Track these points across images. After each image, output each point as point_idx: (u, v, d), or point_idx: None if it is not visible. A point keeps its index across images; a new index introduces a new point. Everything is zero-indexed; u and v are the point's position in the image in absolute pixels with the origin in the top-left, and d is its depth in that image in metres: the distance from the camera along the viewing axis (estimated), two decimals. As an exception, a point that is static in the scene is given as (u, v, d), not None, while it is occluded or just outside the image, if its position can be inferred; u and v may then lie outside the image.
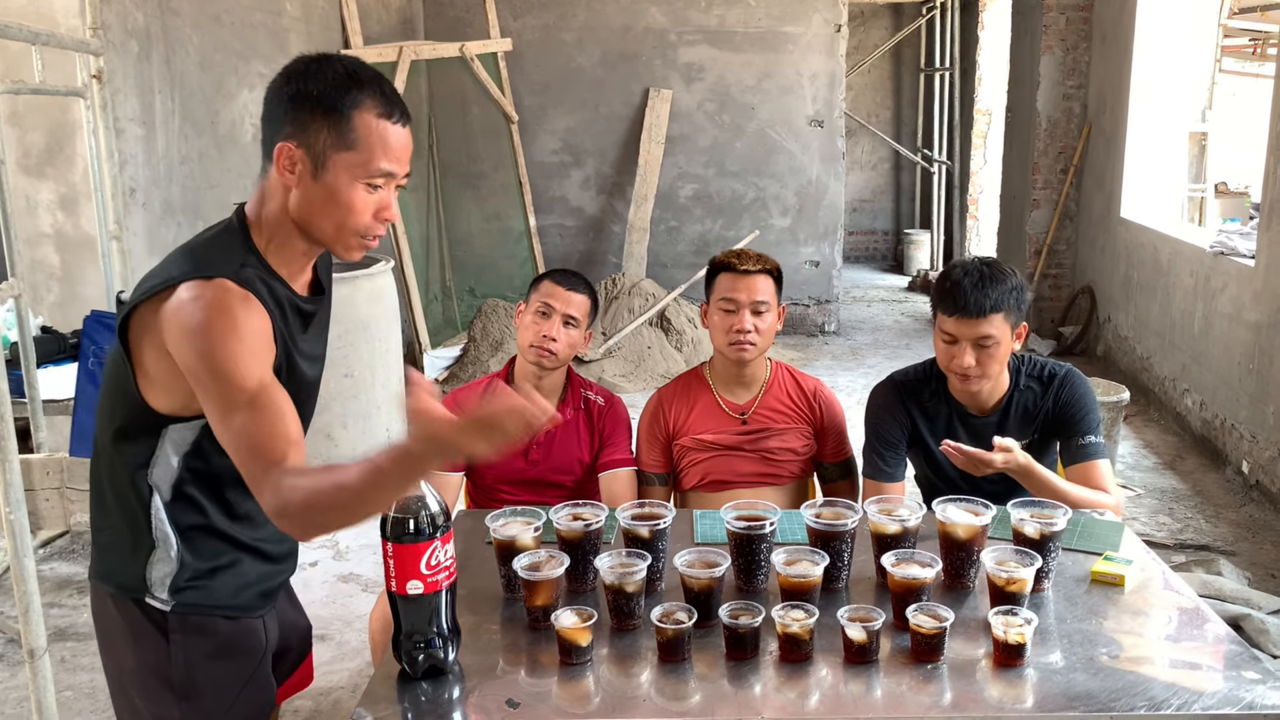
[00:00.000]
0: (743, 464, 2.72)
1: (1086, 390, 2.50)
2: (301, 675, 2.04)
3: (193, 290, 1.52)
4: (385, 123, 1.57)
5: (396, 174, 1.60)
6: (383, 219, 1.62)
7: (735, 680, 1.73)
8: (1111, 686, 1.66)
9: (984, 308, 2.32)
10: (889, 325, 8.67)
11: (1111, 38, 7.09)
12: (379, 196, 1.60)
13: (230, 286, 1.53)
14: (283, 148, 1.56)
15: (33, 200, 4.10)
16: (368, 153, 1.56)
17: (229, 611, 1.74)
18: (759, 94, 7.97)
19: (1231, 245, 5.18)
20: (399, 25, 7.38)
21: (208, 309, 1.50)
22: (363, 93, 1.55)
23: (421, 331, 6.81)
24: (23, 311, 2.81)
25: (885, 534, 2.00)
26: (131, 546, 1.69)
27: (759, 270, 2.65)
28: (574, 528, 1.99)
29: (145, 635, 1.71)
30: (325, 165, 1.56)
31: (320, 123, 1.55)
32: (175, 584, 1.68)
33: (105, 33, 3.95)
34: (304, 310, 1.70)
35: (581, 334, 2.66)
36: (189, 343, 1.51)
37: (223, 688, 1.74)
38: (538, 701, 1.69)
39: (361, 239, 1.63)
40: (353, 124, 1.55)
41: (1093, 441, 2.44)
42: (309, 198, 1.58)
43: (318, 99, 1.55)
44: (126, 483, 1.67)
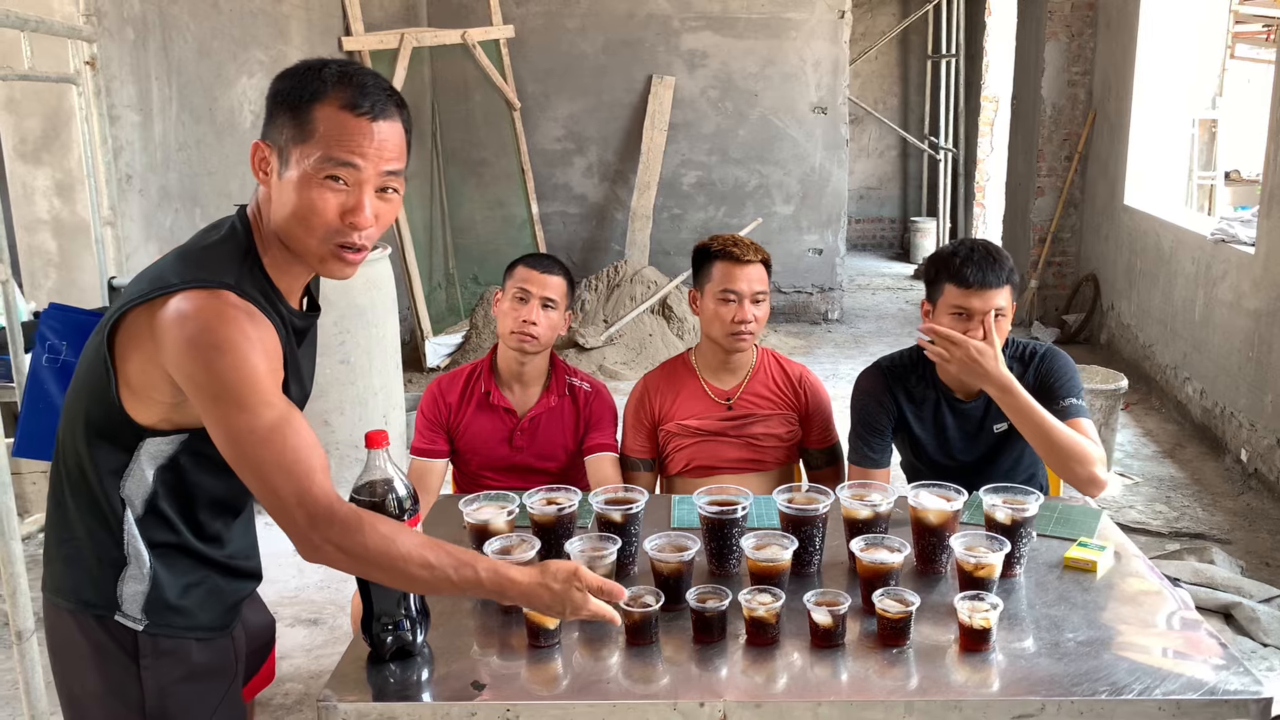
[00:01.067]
0: (727, 450, 2.73)
1: (1066, 362, 2.51)
2: (264, 673, 1.97)
3: (194, 301, 1.43)
4: (347, 114, 1.47)
5: (360, 167, 1.47)
6: (349, 222, 1.49)
7: (701, 663, 1.73)
8: (1075, 671, 1.66)
9: (1000, 279, 2.36)
10: (893, 313, 8.65)
11: (1117, 24, 7.04)
12: (344, 196, 1.49)
13: (234, 299, 1.45)
14: (255, 146, 1.52)
15: (29, 186, 4.12)
16: (323, 143, 1.46)
17: (202, 633, 1.65)
18: (762, 81, 7.95)
19: (1232, 233, 5.15)
20: (401, 12, 7.37)
21: (218, 323, 1.42)
22: (327, 85, 1.47)
23: (424, 319, 6.83)
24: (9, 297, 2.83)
25: (857, 519, 2.00)
26: (98, 562, 1.58)
27: (758, 260, 2.66)
28: (547, 512, 2.00)
29: (110, 657, 1.59)
30: (288, 161, 1.48)
31: (285, 117, 1.48)
32: (148, 604, 1.58)
33: (101, 20, 3.96)
34: (298, 327, 1.63)
35: (561, 315, 2.66)
36: (199, 356, 1.42)
37: (195, 710, 1.66)
38: (504, 684, 1.70)
39: (333, 247, 1.51)
40: (311, 114, 1.47)
41: (1074, 403, 2.44)
42: (279, 198, 1.51)
43: (286, 94, 1.49)
44: (96, 494, 1.56)
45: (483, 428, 2.67)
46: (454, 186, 8.00)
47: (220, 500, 1.64)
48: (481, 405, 2.67)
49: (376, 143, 1.48)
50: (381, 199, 1.52)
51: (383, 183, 1.51)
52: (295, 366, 1.61)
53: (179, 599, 1.61)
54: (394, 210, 1.56)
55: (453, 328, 7.37)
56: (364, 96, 1.48)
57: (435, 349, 6.90)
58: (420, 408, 2.70)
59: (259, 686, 1.97)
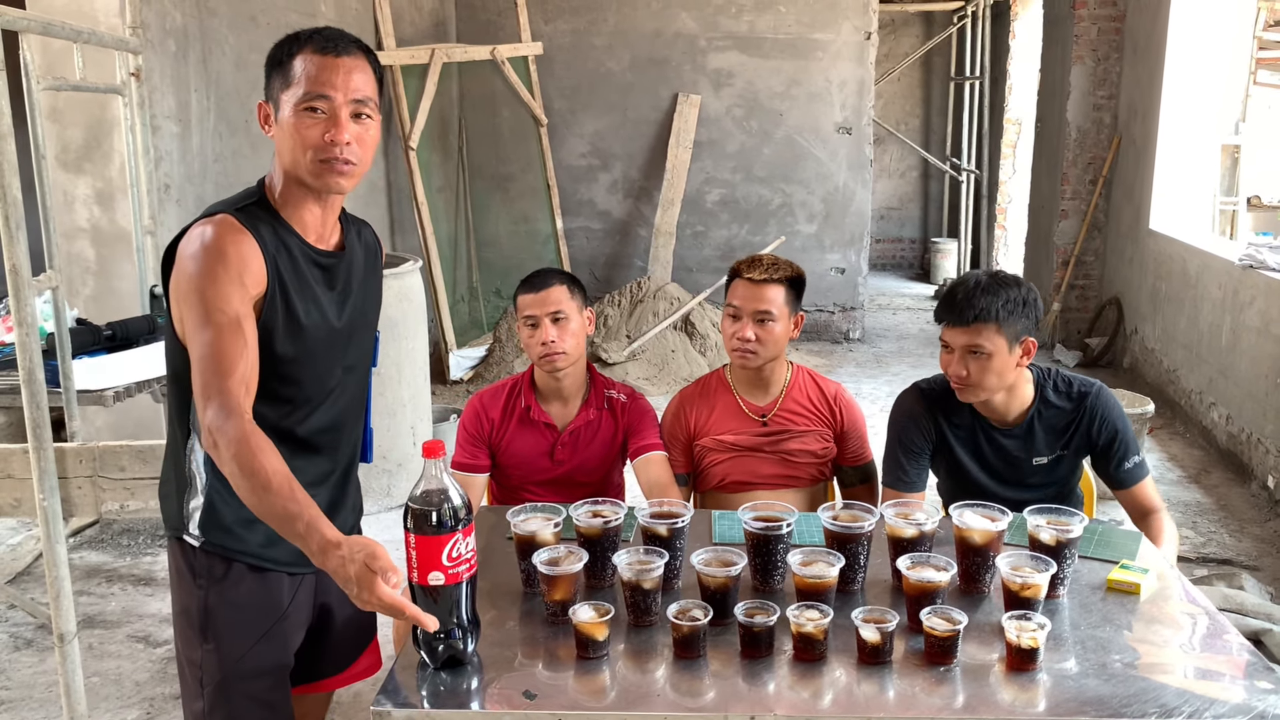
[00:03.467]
0: (762, 465, 2.74)
1: (1120, 411, 2.50)
2: (367, 662, 2.14)
3: (199, 226, 1.73)
4: (318, 55, 1.74)
5: (331, 97, 1.73)
6: (330, 139, 1.73)
7: (749, 678, 1.75)
8: (1123, 693, 1.67)
9: (967, 317, 2.34)
10: (914, 334, 8.66)
11: (1143, 49, 7.06)
12: (324, 122, 1.73)
13: (229, 220, 1.73)
14: (259, 107, 1.81)
15: (70, 195, 4.18)
16: (302, 82, 1.73)
17: (255, 560, 1.84)
18: (787, 100, 7.99)
19: (1260, 258, 5.15)
20: (431, 28, 7.45)
21: (204, 239, 1.70)
22: (303, 40, 1.76)
23: (448, 331, 6.86)
24: (59, 303, 2.87)
25: (902, 537, 2.01)
26: (175, 487, 1.84)
27: (765, 279, 2.65)
28: (593, 524, 2.02)
29: (184, 575, 1.85)
30: (279, 106, 1.76)
31: (274, 74, 1.78)
32: (204, 521, 1.81)
33: (144, 31, 4.02)
34: (321, 263, 1.84)
35: (579, 319, 2.63)
36: (182, 267, 1.71)
37: (238, 636, 1.83)
38: (554, 693, 1.71)
39: (320, 161, 1.75)
40: (292, 64, 1.75)
41: (1136, 462, 2.48)
42: (280, 140, 1.77)
43: (273, 57, 1.78)
44: (174, 427, 1.84)
45: (525, 443, 2.69)
46: (480, 201, 8.05)
47: (281, 430, 1.80)
48: (523, 421, 2.69)
49: (343, 75, 1.74)
50: (358, 124, 1.77)
51: (355, 109, 1.76)
52: (312, 294, 1.82)
53: (233, 522, 1.80)
54: (371, 135, 1.80)
55: (476, 341, 7.40)
56: (330, 41, 1.76)
57: (459, 361, 6.94)
58: (462, 422, 2.72)
59: (361, 675, 2.10)
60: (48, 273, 2.86)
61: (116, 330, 3.13)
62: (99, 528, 4.40)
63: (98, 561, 4.15)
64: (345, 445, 1.95)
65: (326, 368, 1.86)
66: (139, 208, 3.54)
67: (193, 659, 1.85)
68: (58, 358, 2.86)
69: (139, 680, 3.29)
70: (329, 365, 1.87)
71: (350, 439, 1.97)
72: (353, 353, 1.93)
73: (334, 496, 1.94)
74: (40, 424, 2.52)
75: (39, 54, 3.96)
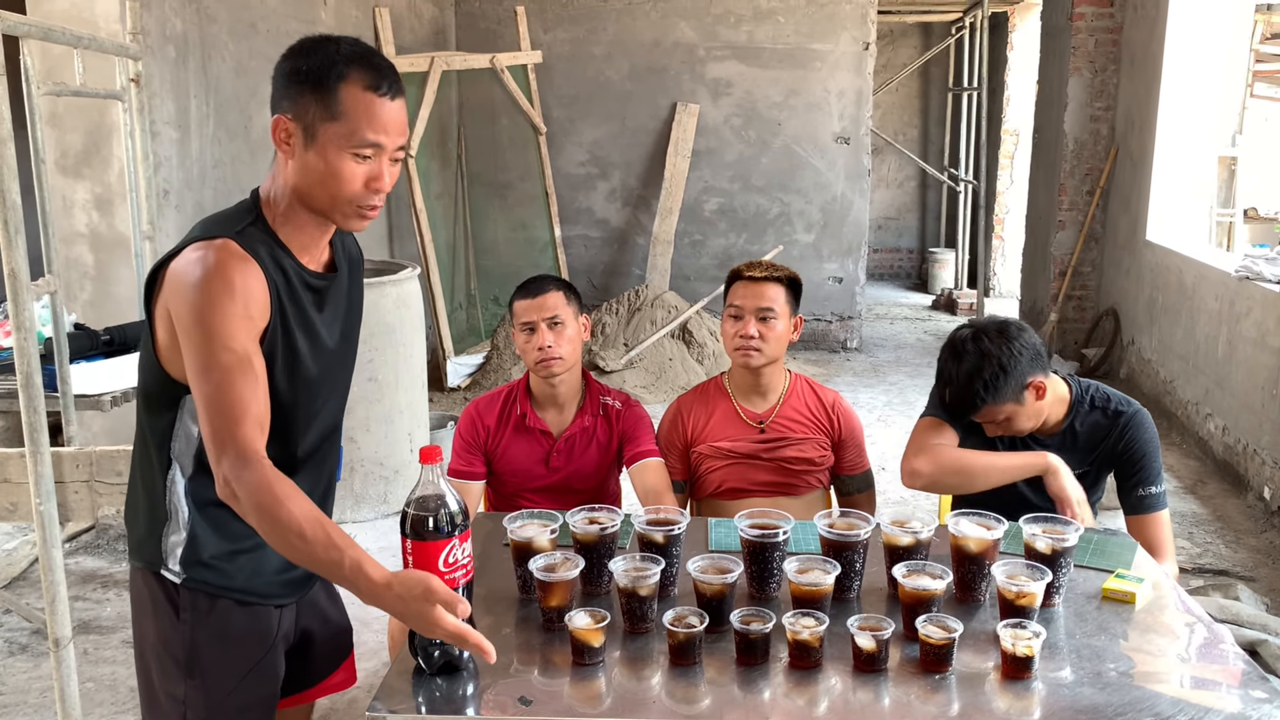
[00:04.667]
0: (759, 473, 2.74)
1: (1154, 435, 2.48)
2: (343, 675, 2.06)
3: (198, 250, 1.61)
4: (371, 95, 1.61)
5: (384, 145, 1.64)
6: (374, 189, 1.66)
7: (745, 685, 1.75)
8: (1118, 701, 1.67)
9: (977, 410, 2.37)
10: (911, 343, 8.67)
11: (1140, 60, 7.09)
12: (369, 167, 1.64)
13: (231, 246, 1.61)
14: (278, 120, 1.64)
15: (69, 200, 4.19)
16: (353, 124, 1.61)
17: (241, 596, 1.77)
18: (786, 110, 8.01)
19: (1257, 270, 5.16)
20: (431, 36, 7.47)
21: (206, 266, 1.58)
22: (350, 66, 1.61)
23: (445, 339, 6.87)
24: (57, 308, 2.87)
25: (897, 546, 2.02)
26: (149, 519, 1.75)
27: (766, 278, 2.67)
28: (589, 531, 2.02)
29: (162, 609, 1.76)
30: (315, 136, 1.62)
31: (309, 96, 1.61)
32: (186, 557, 1.72)
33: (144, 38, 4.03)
34: (314, 286, 1.74)
35: (575, 325, 2.64)
36: (184, 296, 1.59)
37: (226, 671, 1.77)
38: (550, 700, 1.71)
39: (357, 209, 1.67)
40: (339, 96, 1.60)
41: (1155, 492, 2.44)
42: (303, 168, 1.64)
43: (308, 73, 1.61)
44: (149, 456, 1.73)
45: (520, 450, 2.69)
46: (478, 208, 8.07)
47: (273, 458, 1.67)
48: (518, 428, 2.69)
49: (395, 122, 1.65)
50: (393, 167, 1.69)
51: (395, 155, 1.68)
52: (308, 320, 1.73)
53: (217, 558, 1.73)
54: (398, 174, 1.73)
55: (474, 348, 7.41)
56: (382, 78, 1.63)
57: (456, 369, 6.94)
58: (458, 430, 2.72)
59: (337, 687, 2.05)
60: (46, 277, 2.86)
61: (114, 335, 3.13)
62: (95, 533, 4.39)
63: (93, 567, 4.14)
64: (327, 463, 1.90)
65: (317, 391, 1.80)
66: (138, 213, 3.54)
67: (174, 694, 1.76)
68: (55, 362, 2.86)
69: (133, 686, 3.24)
70: (319, 389, 1.81)
71: (331, 457, 1.91)
72: (340, 374, 1.88)
73: None
74: (37, 428, 2.52)
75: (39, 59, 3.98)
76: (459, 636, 1.55)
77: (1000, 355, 2.31)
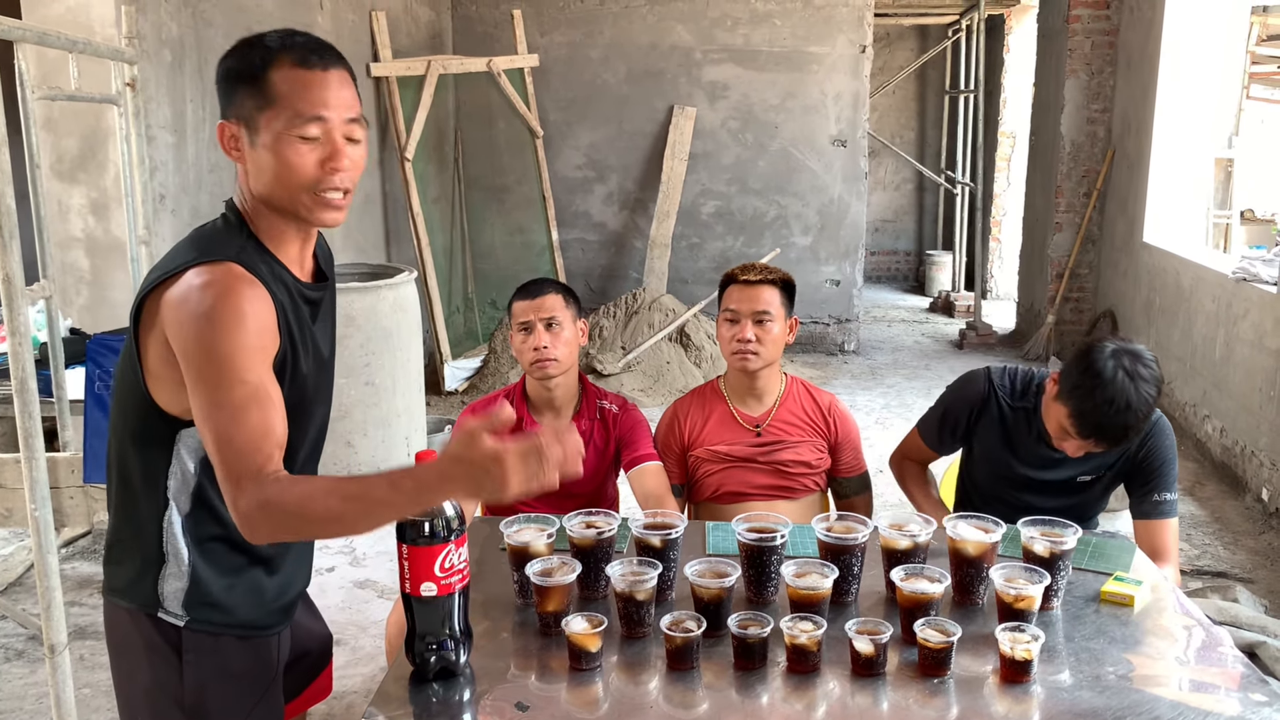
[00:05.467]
0: (756, 476, 2.74)
1: (1172, 443, 2.47)
2: (320, 685, 2.02)
3: (201, 275, 1.50)
4: (301, 70, 1.53)
5: (328, 119, 1.54)
6: (330, 169, 1.55)
7: (742, 690, 1.75)
8: (1117, 705, 1.67)
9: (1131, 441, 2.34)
10: (909, 345, 8.66)
11: (1137, 62, 7.09)
12: (321, 148, 1.55)
13: (238, 270, 1.52)
14: (222, 127, 1.58)
15: (64, 205, 4.18)
16: (289, 104, 1.52)
17: (243, 631, 1.70)
18: (783, 113, 8.01)
19: (1254, 271, 5.17)
20: (428, 40, 7.46)
21: (214, 294, 1.48)
22: (274, 51, 1.54)
23: (443, 342, 6.86)
24: (52, 313, 2.86)
25: (895, 549, 2.01)
26: (141, 560, 1.65)
27: (761, 281, 2.67)
28: (586, 535, 2.02)
29: (158, 652, 1.67)
30: (258, 129, 1.54)
31: (244, 92, 1.54)
32: (188, 600, 1.64)
33: (140, 42, 4.02)
34: (309, 297, 1.68)
35: (572, 328, 2.63)
36: (191, 326, 1.48)
37: (232, 709, 1.71)
38: (547, 705, 1.71)
39: (317, 196, 1.57)
40: (270, 81, 1.52)
41: (1168, 500, 2.43)
42: (256, 168, 1.56)
43: (239, 71, 1.55)
44: (137, 495, 1.63)
45: (516, 454, 2.68)
46: (475, 212, 8.06)
47: None
48: (514, 432, 2.68)
49: (335, 92, 1.55)
50: (351, 145, 1.58)
51: (348, 130, 1.57)
52: (307, 336, 1.66)
53: (219, 595, 1.66)
54: (363, 154, 1.61)
55: (471, 352, 7.39)
56: (311, 52, 1.55)
57: (454, 372, 6.93)
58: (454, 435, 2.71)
59: (314, 699, 1.99)
60: (41, 282, 2.85)
61: (110, 340, 3.12)
62: (91, 538, 4.38)
63: (90, 572, 4.13)
64: (315, 467, 1.87)
65: (314, 400, 1.77)
66: (134, 218, 3.54)
67: None
68: (50, 367, 2.85)
69: (130, 692, 3.27)
70: (316, 398, 1.77)
71: (318, 460, 1.87)
72: (330, 381, 1.84)
73: (302, 547, 1.86)
74: (32, 434, 2.51)
75: (35, 64, 3.98)
76: (535, 450, 1.43)
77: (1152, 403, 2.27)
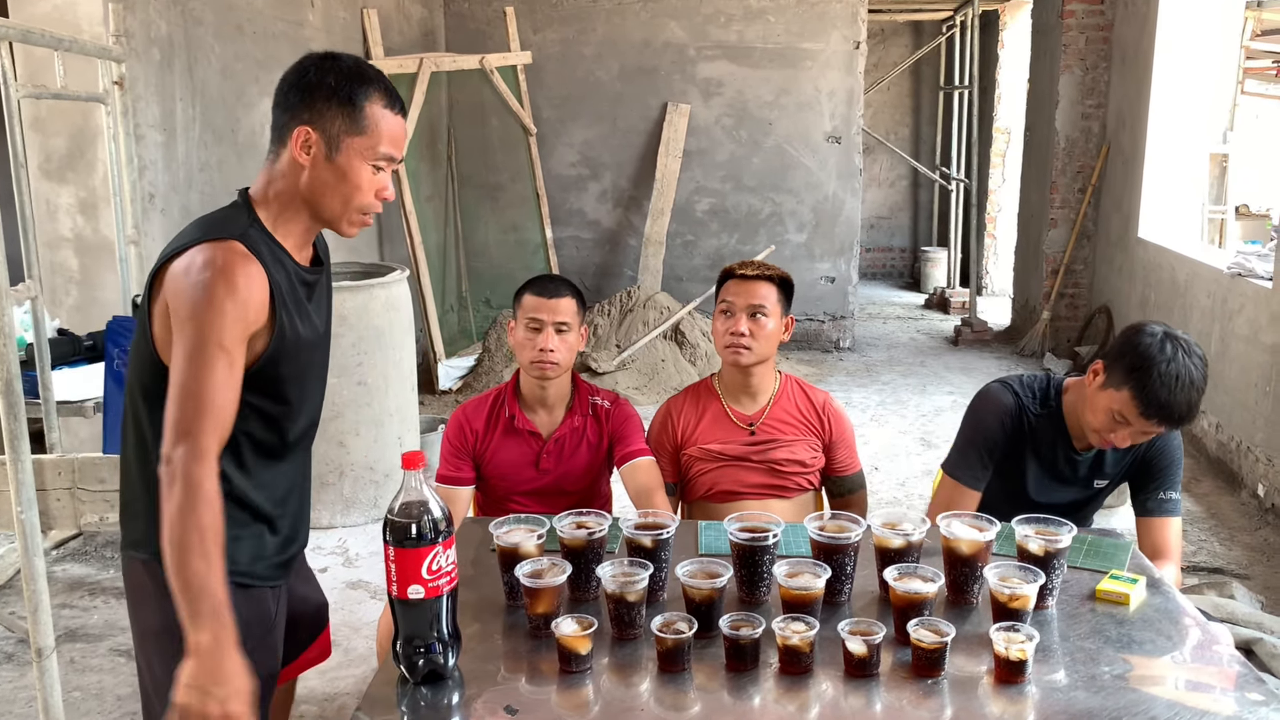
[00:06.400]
0: (750, 475, 2.72)
1: (1179, 444, 2.46)
2: (319, 648, 2.16)
3: (205, 251, 1.68)
4: (389, 113, 1.78)
5: (397, 158, 1.81)
6: (381, 198, 1.81)
7: (735, 691, 1.73)
8: (1113, 705, 1.65)
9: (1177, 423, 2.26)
10: (904, 342, 8.65)
11: (1131, 58, 7.08)
12: (380, 178, 1.80)
13: (239, 248, 1.69)
14: (300, 130, 1.74)
15: (53, 204, 4.15)
16: (376, 138, 1.77)
17: (243, 579, 1.81)
18: (777, 110, 7.99)
19: (1249, 266, 5.15)
20: (420, 37, 7.43)
21: (214, 266, 1.66)
22: (372, 86, 1.77)
23: (436, 341, 6.83)
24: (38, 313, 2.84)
25: (889, 548, 1.99)
26: (149, 508, 1.76)
27: (758, 276, 2.66)
28: (577, 536, 2.00)
29: (168, 598, 1.74)
30: (339, 148, 1.75)
31: (335, 110, 1.74)
32: None
33: (128, 40, 3.99)
34: (306, 280, 1.86)
35: (577, 335, 2.64)
36: (187, 292, 1.65)
37: None
38: (537, 708, 1.69)
39: (363, 215, 1.82)
40: (365, 112, 1.75)
41: (1173, 498, 2.42)
42: (321, 177, 1.76)
43: (334, 89, 1.74)
44: (148, 450, 1.77)
45: (509, 453, 2.66)
46: (469, 210, 8.03)
47: (268, 447, 1.82)
48: (507, 430, 2.67)
49: (404, 138, 1.84)
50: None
51: (395, 167, 1.85)
52: (305, 312, 1.84)
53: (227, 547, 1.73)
54: None
55: (465, 350, 7.38)
56: (395, 99, 1.81)
57: (448, 371, 6.90)
58: (446, 435, 2.69)
59: (314, 661, 2.15)
60: (26, 282, 2.82)
61: (97, 341, 3.10)
62: (82, 540, 4.35)
63: (81, 574, 4.10)
64: (312, 448, 2.01)
65: (312, 376, 1.92)
66: (122, 217, 3.51)
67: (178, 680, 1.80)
68: (36, 368, 2.82)
69: (120, 695, 3.24)
70: (313, 374, 1.93)
71: (311, 441, 2.01)
72: (325, 361, 1.99)
73: (303, 499, 1.98)
74: (18, 435, 2.48)
75: (23, 63, 3.95)
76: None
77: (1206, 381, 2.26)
